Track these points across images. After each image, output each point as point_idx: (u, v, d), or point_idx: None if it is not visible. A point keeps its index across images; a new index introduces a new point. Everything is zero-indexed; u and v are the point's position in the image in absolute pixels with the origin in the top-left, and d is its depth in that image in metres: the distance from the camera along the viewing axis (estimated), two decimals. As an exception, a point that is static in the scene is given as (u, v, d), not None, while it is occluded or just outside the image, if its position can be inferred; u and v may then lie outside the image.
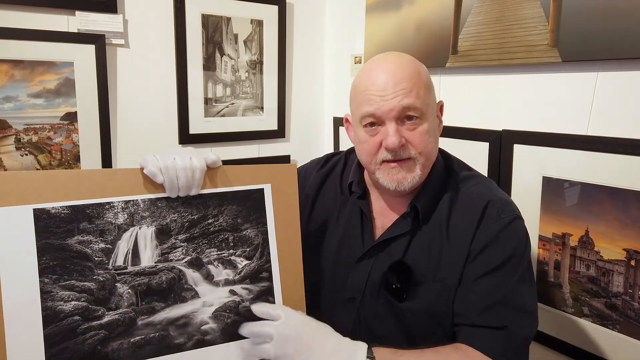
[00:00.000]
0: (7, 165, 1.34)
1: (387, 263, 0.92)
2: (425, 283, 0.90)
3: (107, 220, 0.78)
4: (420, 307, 0.89)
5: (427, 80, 0.91)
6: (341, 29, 1.87)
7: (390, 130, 0.86)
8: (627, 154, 1.03)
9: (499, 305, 0.85)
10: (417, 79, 0.88)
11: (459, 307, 0.88)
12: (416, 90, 0.87)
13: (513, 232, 0.89)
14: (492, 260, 0.87)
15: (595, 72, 1.10)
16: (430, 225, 0.92)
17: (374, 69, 0.90)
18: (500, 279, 0.86)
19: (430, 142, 0.90)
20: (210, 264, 0.83)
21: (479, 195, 0.92)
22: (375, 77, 0.88)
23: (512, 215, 0.90)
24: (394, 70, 0.87)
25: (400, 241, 0.93)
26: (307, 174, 1.12)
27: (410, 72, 0.88)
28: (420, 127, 0.88)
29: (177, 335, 0.79)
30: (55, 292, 0.73)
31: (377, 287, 0.92)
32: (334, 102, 1.95)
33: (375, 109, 0.87)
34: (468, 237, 0.89)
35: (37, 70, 1.34)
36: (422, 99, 0.87)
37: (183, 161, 0.79)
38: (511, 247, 0.88)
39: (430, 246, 0.91)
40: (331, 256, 0.99)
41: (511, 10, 1.22)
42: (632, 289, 1.04)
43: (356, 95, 0.92)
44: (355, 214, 1.00)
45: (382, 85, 0.87)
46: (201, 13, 1.60)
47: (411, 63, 0.90)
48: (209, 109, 1.68)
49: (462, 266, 0.88)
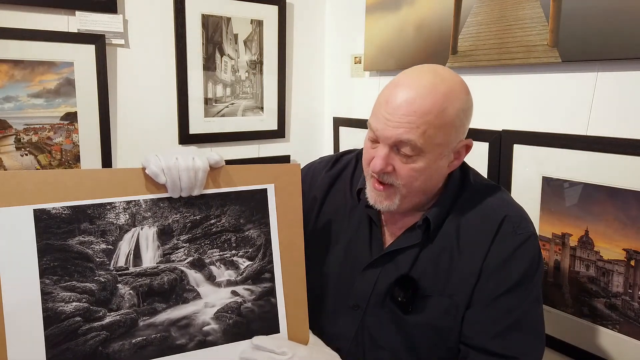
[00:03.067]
0: (7, 165, 1.34)
1: (394, 274, 0.90)
2: (432, 297, 0.87)
3: (108, 220, 0.77)
4: (425, 321, 0.87)
5: (451, 119, 0.82)
6: (341, 29, 1.87)
7: (379, 153, 0.83)
8: (627, 154, 1.03)
9: (512, 331, 0.83)
10: (434, 116, 0.80)
11: (470, 328, 0.85)
12: (425, 127, 0.80)
13: (528, 251, 0.86)
14: (506, 281, 0.84)
15: (595, 72, 1.10)
16: (441, 238, 0.89)
17: (400, 85, 0.83)
18: (514, 300, 0.84)
19: (420, 180, 0.84)
20: (212, 265, 0.83)
21: (494, 209, 0.89)
22: (395, 95, 0.82)
23: (527, 233, 0.87)
24: (414, 98, 0.80)
25: (408, 252, 0.90)
26: (316, 174, 1.08)
27: (428, 107, 0.79)
28: (414, 163, 0.83)
29: (178, 336, 0.79)
30: (56, 293, 0.73)
31: (382, 297, 0.90)
32: (334, 102, 1.95)
33: (376, 128, 0.84)
34: (482, 252, 0.86)
35: (37, 70, 1.34)
36: (429, 139, 0.80)
37: (185, 161, 0.78)
38: (525, 266, 0.85)
39: (440, 259, 0.88)
40: (338, 262, 0.97)
41: (511, 10, 1.22)
42: (632, 289, 1.05)
43: (376, 101, 0.87)
44: (364, 220, 0.97)
45: (394, 108, 0.81)
46: (201, 13, 1.60)
47: (440, 95, 0.80)
48: (209, 109, 1.67)
49: (474, 283, 0.85)
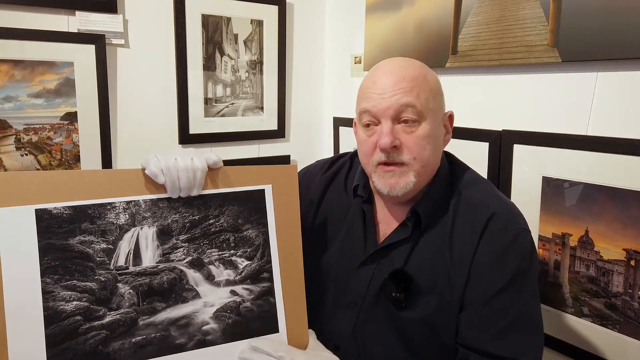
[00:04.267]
0: (7, 165, 1.34)
1: (389, 270, 0.89)
2: (425, 293, 0.87)
3: (108, 220, 0.78)
4: (418, 317, 0.87)
5: (434, 86, 0.87)
6: (341, 29, 1.87)
7: (384, 129, 0.83)
8: (627, 154, 1.03)
9: (510, 331, 0.82)
10: (420, 80, 0.84)
11: (467, 330, 0.85)
12: (417, 90, 0.83)
13: (520, 247, 0.85)
14: (499, 279, 0.83)
15: (595, 72, 1.10)
16: (433, 233, 0.89)
17: (379, 68, 0.88)
18: (509, 299, 0.83)
19: (427, 149, 0.84)
20: (211, 265, 0.84)
21: (483, 205, 0.88)
22: (378, 76, 0.86)
23: (518, 229, 0.86)
24: (397, 70, 0.85)
25: (402, 248, 0.90)
26: (312, 177, 1.08)
27: (414, 73, 0.85)
28: (417, 130, 0.83)
29: (178, 336, 0.79)
30: (56, 292, 0.73)
31: (377, 293, 0.90)
32: (334, 102, 1.95)
33: (372, 106, 0.84)
34: (470, 249, 0.85)
35: (37, 70, 1.34)
36: (424, 101, 0.84)
37: (184, 162, 0.79)
38: (518, 263, 0.84)
39: (432, 255, 0.88)
40: (334, 260, 0.97)
41: (511, 10, 1.22)
42: (632, 289, 1.05)
43: (359, 94, 0.90)
44: (358, 217, 0.97)
45: (382, 84, 0.84)
46: (201, 13, 1.60)
47: (418, 66, 0.87)
48: (209, 109, 1.68)
49: (464, 282, 0.85)
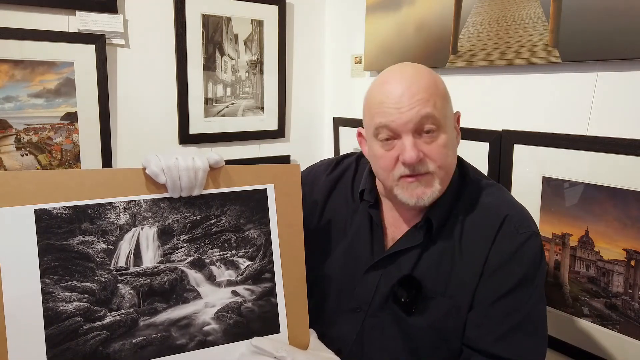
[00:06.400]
0: (7, 165, 1.34)
1: (396, 276, 0.89)
2: (434, 298, 0.86)
3: (109, 220, 0.77)
4: (427, 323, 0.86)
5: (444, 91, 0.87)
6: (341, 29, 1.87)
7: (407, 144, 0.81)
8: (627, 154, 1.03)
9: (514, 333, 0.83)
10: (434, 89, 0.83)
11: (473, 330, 0.85)
12: (434, 100, 0.82)
13: (529, 250, 0.85)
14: (507, 281, 0.84)
15: (595, 72, 1.10)
16: (442, 238, 0.89)
17: (388, 81, 0.86)
18: (516, 301, 0.83)
19: (449, 156, 0.85)
20: (213, 265, 0.83)
21: (495, 208, 0.88)
22: (391, 88, 0.84)
23: (529, 232, 0.86)
24: (410, 81, 0.83)
25: (410, 254, 0.89)
26: (317, 178, 1.07)
27: (427, 82, 0.83)
28: (438, 139, 0.83)
29: (179, 336, 0.79)
30: (56, 292, 0.73)
31: (384, 299, 0.90)
32: (334, 102, 1.95)
33: (391, 121, 0.82)
34: (482, 253, 0.85)
35: (38, 70, 1.34)
36: (440, 109, 0.83)
37: (185, 161, 0.78)
38: (527, 267, 0.84)
39: (442, 260, 0.87)
40: (339, 264, 0.96)
41: (511, 10, 1.22)
42: (632, 289, 1.05)
43: (370, 108, 0.87)
44: (365, 222, 0.96)
45: (397, 97, 0.82)
46: (201, 13, 1.60)
47: (427, 73, 0.86)
48: (209, 109, 1.67)
49: (475, 285, 0.85)
